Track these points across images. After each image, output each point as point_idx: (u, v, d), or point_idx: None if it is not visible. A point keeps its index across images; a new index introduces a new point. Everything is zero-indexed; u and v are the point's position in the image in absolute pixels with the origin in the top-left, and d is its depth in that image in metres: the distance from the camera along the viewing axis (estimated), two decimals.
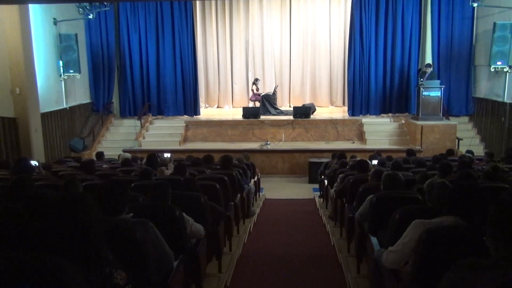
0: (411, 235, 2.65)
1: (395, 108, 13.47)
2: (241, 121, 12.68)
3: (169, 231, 3.14)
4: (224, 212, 4.97)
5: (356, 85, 13.38)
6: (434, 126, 11.26)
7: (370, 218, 3.89)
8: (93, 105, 13.42)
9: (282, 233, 6.23)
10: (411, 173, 5.72)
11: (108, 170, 7.08)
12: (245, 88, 15.57)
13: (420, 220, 2.68)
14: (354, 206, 4.79)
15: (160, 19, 13.56)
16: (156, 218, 3.01)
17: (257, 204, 8.28)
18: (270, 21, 15.27)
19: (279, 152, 11.66)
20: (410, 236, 2.67)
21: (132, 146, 12.10)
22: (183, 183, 4.42)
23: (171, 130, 12.87)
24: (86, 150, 11.97)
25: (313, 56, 15.30)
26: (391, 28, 13.22)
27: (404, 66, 13.33)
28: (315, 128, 12.40)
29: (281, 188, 10.44)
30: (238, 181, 6.22)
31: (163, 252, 2.89)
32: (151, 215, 3.00)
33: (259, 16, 15.22)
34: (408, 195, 3.84)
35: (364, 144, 12.01)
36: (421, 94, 11.34)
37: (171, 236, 3.12)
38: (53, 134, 10.88)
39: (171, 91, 13.76)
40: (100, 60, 13.32)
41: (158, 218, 3.07)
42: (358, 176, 5.45)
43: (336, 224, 6.38)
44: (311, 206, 8.37)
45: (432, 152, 10.42)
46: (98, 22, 13.03)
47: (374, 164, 6.97)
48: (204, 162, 7.08)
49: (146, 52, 13.72)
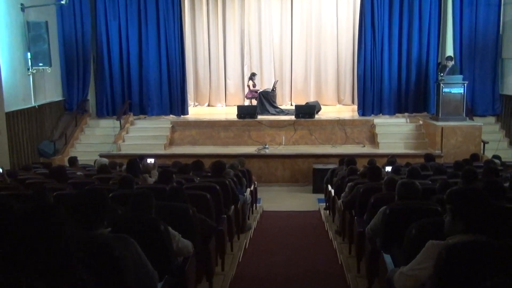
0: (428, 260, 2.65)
1: (412, 107, 13.50)
2: (235, 121, 12.67)
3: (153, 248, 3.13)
4: (216, 226, 4.96)
5: (367, 81, 13.41)
6: (456, 127, 11.29)
7: (383, 233, 3.89)
8: (65, 103, 13.39)
9: (282, 251, 6.22)
10: (430, 181, 5.74)
11: (83, 177, 7.07)
12: (240, 84, 15.57)
13: (436, 242, 2.69)
14: (365, 219, 4.79)
15: (142, 4, 13.55)
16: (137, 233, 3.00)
17: (253, 217, 8.26)
18: (268, 7, 15.30)
19: (279, 157, 11.66)
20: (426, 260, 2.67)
21: (110, 150, 12.06)
22: (169, 192, 4.41)
23: (155, 131, 12.86)
24: (57, 154, 11.93)
25: (317, 47, 15.32)
26: (407, 16, 13.26)
27: (422, 59, 13.36)
28: (320, 130, 12.41)
29: (281, 198, 10.43)
30: (232, 190, 6.22)
31: (145, 272, 2.89)
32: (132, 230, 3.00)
33: (256, 1, 15.26)
34: (427, 207, 3.84)
35: (376, 148, 12.03)
36: (441, 91, 11.37)
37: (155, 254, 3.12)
38: (19, 137, 10.84)
39: (155, 87, 13.75)
40: (74, 52, 13.29)
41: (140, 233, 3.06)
42: (369, 185, 5.45)
43: (344, 240, 6.38)
44: (316, 219, 8.36)
45: (454, 157, 10.42)
46: (71, 8, 13.00)
47: (388, 171, 6.98)
48: (193, 169, 7.07)
49: (127, 42, 13.70)
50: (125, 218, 3.50)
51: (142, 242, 2.93)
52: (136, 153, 10.94)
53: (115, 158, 10.75)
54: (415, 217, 3.38)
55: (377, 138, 12.17)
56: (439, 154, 11.02)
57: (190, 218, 4.00)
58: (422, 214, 3.60)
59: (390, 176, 5.30)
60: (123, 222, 3.31)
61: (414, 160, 10.17)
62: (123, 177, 5.25)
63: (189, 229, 3.92)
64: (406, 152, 11.59)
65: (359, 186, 5.48)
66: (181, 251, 3.66)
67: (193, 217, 4.05)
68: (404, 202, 3.98)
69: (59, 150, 12.14)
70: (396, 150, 11.55)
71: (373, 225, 4.26)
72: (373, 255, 4.20)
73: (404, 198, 4.02)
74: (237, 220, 6.42)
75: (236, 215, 6.37)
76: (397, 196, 4.10)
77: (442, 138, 11.25)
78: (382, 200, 4.40)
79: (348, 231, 5.93)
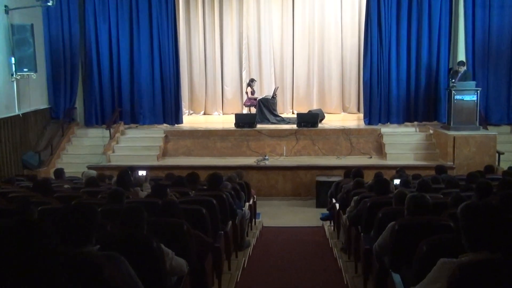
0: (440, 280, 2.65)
1: (422, 115, 13.51)
2: (233, 131, 12.68)
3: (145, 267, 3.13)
4: (212, 243, 4.95)
5: (373, 87, 13.42)
6: (469, 137, 11.30)
7: (392, 250, 3.89)
8: (51, 111, 13.40)
9: (284, 270, 6.20)
10: (442, 195, 5.74)
11: (70, 191, 7.06)
12: (238, 91, 15.61)
13: (448, 260, 2.68)
14: (372, 235, 4.79)
15: (134, 6, 13.59)
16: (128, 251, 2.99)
17: (252, 234, 8.25)
18: (268, 8, 15.39)
19: (280, 169, 11.65)
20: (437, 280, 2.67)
21: (99, 162, 12.05)
22: (162, 207, 4.41)
23: (147, 142, 12.86)
24: (43, 166, 11.92)
25: (321, 51, 15.39)
26: (416, 18, 13.30)
27: (432, 64, 13.40)
28: (323, 140, 12.42)
29: (282, 213, 10.41)
30: (230, 205, 6.21)
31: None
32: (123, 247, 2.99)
33: (255, 3, 15.35)
34: (438, 222, 3.85)
35: (383, 159, 12.03)
36: (452, 98, 11.40)
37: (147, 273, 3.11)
38: (1, 147, 10.83)
39: (147, 94, 13.76)
40: (61, 57, 13.33)
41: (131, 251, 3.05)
42: (376, 199, 5.45)
43: (350, 258, 6.36)
44: (319, 236, 8.34)
45: (467, 169, 10.41)
46: (59, 10, 13.06)
47: (396, 184, 6.98)
48: (188, 182, 7.06)
49: (117, 46, 13.74)
50: (115, 235, 3.49)
51: (133, 260, 2.92)
52: (126, 164, 10.89)
53: (104, 170, 10.74)
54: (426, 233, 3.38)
55: (384, 149, 12.18)
56: (451, 166, 11.01)
57: (184, 235, 3.99)
58: (434, 230, 3.60)
59: (399, 189, 5.30)
60: (113, 239, 3.30)
61: (424, 172, 10.16)
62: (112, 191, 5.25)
63: (184, 247, 3.92)
64: (416, 163, 11.58)
65: (366, 200, 5.48)
66: (175, 270, 3.64)
67: (188, 234, 4.04)
68: (414, 217, 3.98)
69: (44, 161, 12.13)
70: (405, 161, 11.53)
71: (381, 242, 4.26)
72: (381, 274, 4.19)
73: (414, 213, 4.02)
74: (235, 237, 6.40)
75: (234, 231, 6.35)
76: (407, 211, 4.11)
77: (454, 148, 11.25)
78: (391, 215, 4.41)
79: (354, 248, 5.91)
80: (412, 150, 12.21)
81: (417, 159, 11.93)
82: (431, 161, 11.56)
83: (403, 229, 3.83)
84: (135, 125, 13.88)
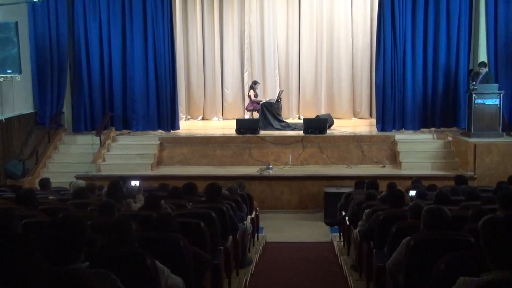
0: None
1: (439, 121, 13.51)
2: (234, 137, 12.70)
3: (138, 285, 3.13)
4: (211, 259, 4.95)
5: (387, 91, 13.43)
6: (491, 144, 11.29)
7: (407, 268, 3.88)
8: (37, 116, 13.42)
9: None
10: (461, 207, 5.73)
11: (56, 203, 7.06)
12: (239, 94, 15.64)
13: (468, 279, 2.68)
14: (385, 252, 4.78)
15: (127, 3, 13.65)
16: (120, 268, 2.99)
17: (255, 250, 8.23)
18: (272, 5, 15.44)
19: (285, 180, 11.65)
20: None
21: (88, 171, 12.06)
22: (156, 220, 4.41)
23: (140, 149, 12.88)
24: (27, 176, 11.93)
25: (329, 52, 15.42)
26: (433, 15, 13.31)
27: (451, 65, 13.41)
28: (332, 148, 12.42)
29: (287, 227, 10.40)
30: (230, 218, 6.21)
31: None
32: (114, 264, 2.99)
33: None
34: (457, 238, 3.84)
35: (398, 168, 12.01)
36: (473, 102, 11.40)
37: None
38: None
39: (141, 97, 13.78)
40: (48, 57, 13.36)
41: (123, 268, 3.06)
42: (390, 212, 5.45)
43: (361, 276, 6.35)
44: (328, 252, 8.33)
45: (490, 179, 10.41)
46: (45, 7, 13.12)
47: (412, 196, 6.98)
48: (185, 193, 7.07)
49: (109, 46, 13.79)
50: (105, 250, 3.49)
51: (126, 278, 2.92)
52: (118, 174, 10.93)
53: (94, 180, 10.73)
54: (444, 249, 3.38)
55: (399, 157, 12.16)
56: (472, 176, 10.99)
57: (181, 251, 3.99)
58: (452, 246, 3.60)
59: (414, 201, 5.29)
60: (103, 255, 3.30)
61: (442, 183, 10.15)
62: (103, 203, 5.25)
63: (180, 263, 3.92)
64: (433, 173, 11.57)
65: (379, 213, 5.47)
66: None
67: (185, 249, 4.04)
68: (431, 232, 3.98)
69: (29, 170, 12.14)
70: (422, 171, 11.54)
71: (395, 259, 4.25)
72: None
73: (431, 227, 4.01)
74: (236, 253, 6.39)
75: (235, 247, 6.35)
76: (423, 225, 4.10)
77: (475, 157, 11.23)
78: (406, 230, 4.40)
79: (366, 265, 5.90)
80: (429, 159, 12.20)
81: (434, 168, 11.91)
82: (449, 170, 11.54)
83: (419, 245, 3.83)
84: (128, 131, 13.89)
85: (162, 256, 3.60)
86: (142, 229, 4.33)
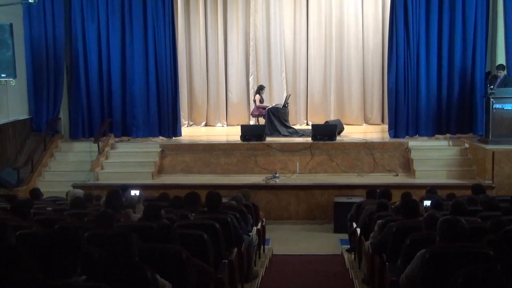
0: None
1: (455, 127, 13.46)
2: (238, 144, 12.70)
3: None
4: (215, 273, 4.94)
5: (399, 95, 13.40)
6: (510, 152, 11.24)
7: (422, 282, 3.86)
8: (32, 122, 13.47)
9: None
10: (479, 218, 5.71)
11: (52, 213, 7.07)
12: (244, 99, 15.66)
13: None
14: (399, 265, 4.77)
15: (127, 4, 13.67)
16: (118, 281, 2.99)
17: (261, 263, 8.22)
18: (279, 5, 15.47)
19: (293, 189, 11.63)
20: None
21: (86, 180, 12.08)
22: (157, 232, 4.41)
23: (140, 157, 12.90)
24: (22, 185, 11.94)
25: (339, 54, 15.42)
26: (448, 15, 13.28)
27: (467, 68, 13.37)
28: (342, 155, 12.40)
29: (294, 239, 10.38)
30: (235, 229, 6.20)
31: None
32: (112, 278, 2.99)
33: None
34: (475, 250, 3.83)
35: (412, 177, 11.98)
36: (491, 107, 11.37)
37: None
38: None
39: (141, 103, 13.80)
40: (44, 61, 13.41)
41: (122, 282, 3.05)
42: (403, 223, 5.45)
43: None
44: (338, 266, 8.30)
45: (509, 188, 10.38)
46: (41, 8, 13.16)
47: (427, 206, 6.96)
48: (187, 203, 7.06)
49: (107, 49, 13.82)
50: (103, 263, 3.49)
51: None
52: (117, 183, 10.94)
53: (91, 189, 10.76)
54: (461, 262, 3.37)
55: (413, 165, 12.13)
56: (490, 185, 10.93)
57: (183, 264, 3.99)
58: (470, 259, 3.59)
59: (429, 212, 5.27)
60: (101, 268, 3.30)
61: (459, 192, 10.09)
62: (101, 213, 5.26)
63: (182, 277, 3.92)
64: (449, 182, 11.52)
65: (391, 225, 5.47)
66: None
67: (187, 263, 4.04)
68: (447, 244, 3.97)
69: (24, 179, 12.16)
70: (437, 179, 11.50)
71: (410, 272, 4.24)
72: None
73: (448, 239, 4.00)
74: (240, 266, 6.38)
75: (240, 259, 6.34)
76: (439, 237, 4.09)
77: (493, 165, 11.19)
78: (420, 242, 4.39)
79: (378, 280, 5.88)
80: (445, 167, 12.16)
81: (450, 177, 11.87)
82: (466, 179, 11.50)
83: (435, 258, 3.82)
84: (127, 138, 13.91)
85: (163, 269, 3.60)
86: (141, 241, 4.33)
